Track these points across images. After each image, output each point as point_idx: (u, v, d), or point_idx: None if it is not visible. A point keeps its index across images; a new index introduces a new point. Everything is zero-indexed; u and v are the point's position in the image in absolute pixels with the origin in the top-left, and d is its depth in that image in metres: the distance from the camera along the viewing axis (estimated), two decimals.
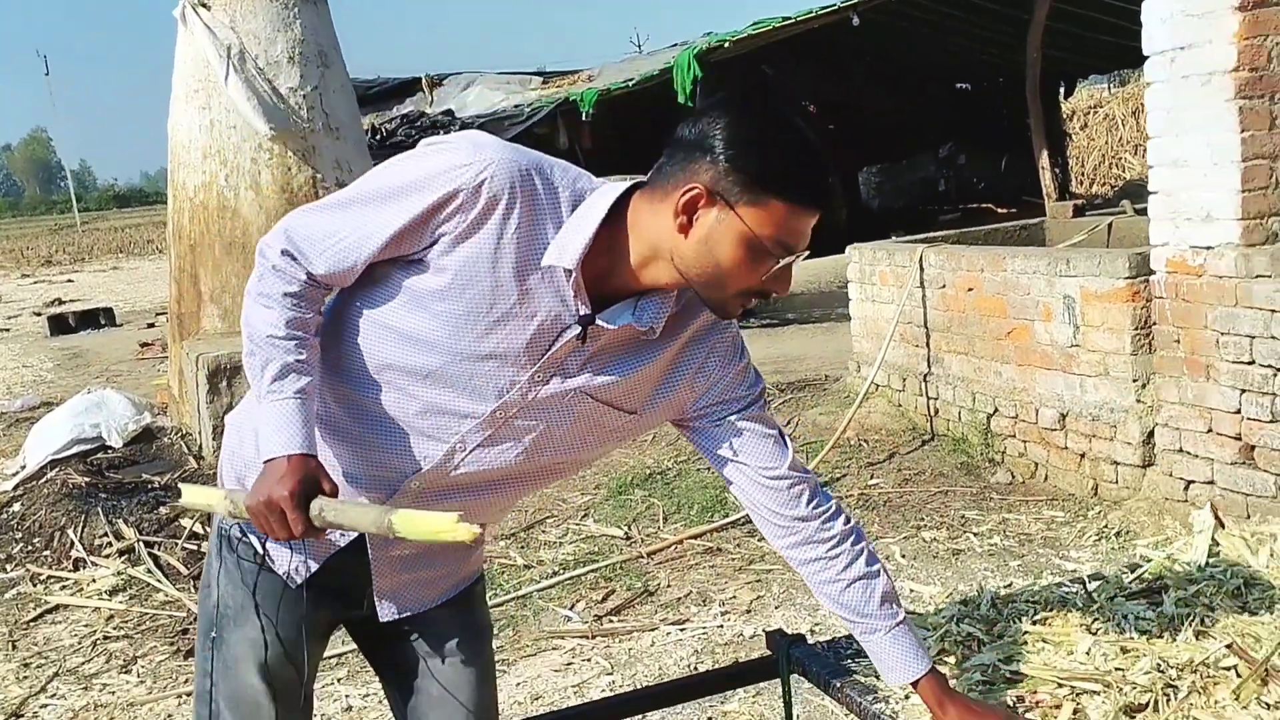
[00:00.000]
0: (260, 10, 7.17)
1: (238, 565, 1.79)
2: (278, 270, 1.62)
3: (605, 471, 5.57)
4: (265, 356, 1.60)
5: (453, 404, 1.65)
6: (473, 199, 1.54)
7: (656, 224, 1.57)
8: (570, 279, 1.57)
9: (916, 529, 4.56)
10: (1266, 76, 3.83)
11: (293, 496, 1.53)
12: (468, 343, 1.61)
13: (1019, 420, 4.97)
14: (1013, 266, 4.90)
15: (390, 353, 1.64)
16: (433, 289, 1.60)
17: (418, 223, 1.56)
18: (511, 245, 1.57)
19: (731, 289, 1.57)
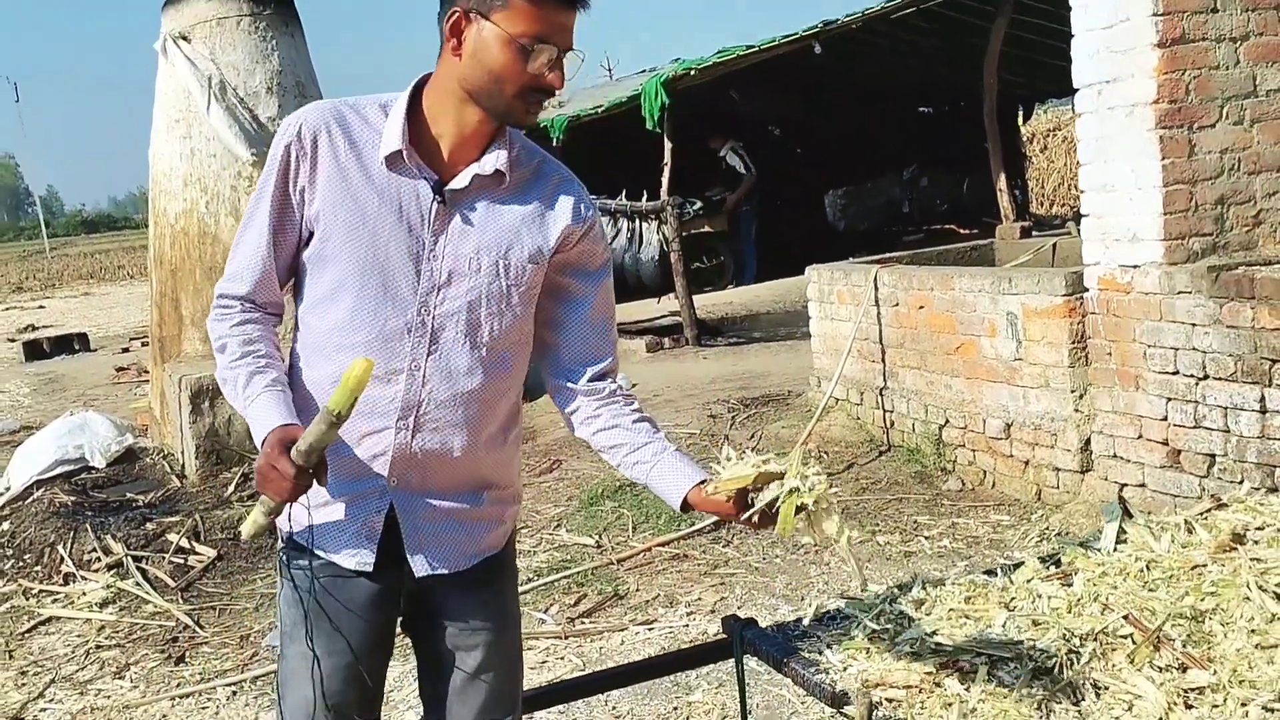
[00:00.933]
0: (239, 43, 7.41)
1: (293, 587, 1.96)
2: (217, 313, 1.91)
3: (577, 484, 5.81)
4: (234, 380, 1.86)
5: (388, 323, 1.86)
6: (301, 145, 1.84)
7: (442, 70, 1.83)
8: (407, 156, 1.83)
9: (872, 533, 4.82)
10: (1184, 108, 4.15)
11: (273, 451, 1.73)
12: (364, 253, 1.84)
13: (968, 430, 5.25)
14: (960, 285, 5.20)
15: (328, 316, 1.88)
16: (321, 237, 1.86)
17: (280, 192, 1.86)
18: (350, 160, 1.84)
19: (510, 91, 1.79)
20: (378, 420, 1.89)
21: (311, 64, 7.95)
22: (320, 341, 1.91)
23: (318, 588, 1.93)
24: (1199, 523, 2.67)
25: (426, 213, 1.86)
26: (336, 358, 1.87)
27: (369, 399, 1.83)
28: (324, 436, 1.77)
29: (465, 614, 2.03)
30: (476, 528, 2.00)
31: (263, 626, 4.58)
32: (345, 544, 1.93)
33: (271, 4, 7.57)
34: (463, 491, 1.97)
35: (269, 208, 1.87)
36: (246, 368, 1.85)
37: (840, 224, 17.44)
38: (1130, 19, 4.17)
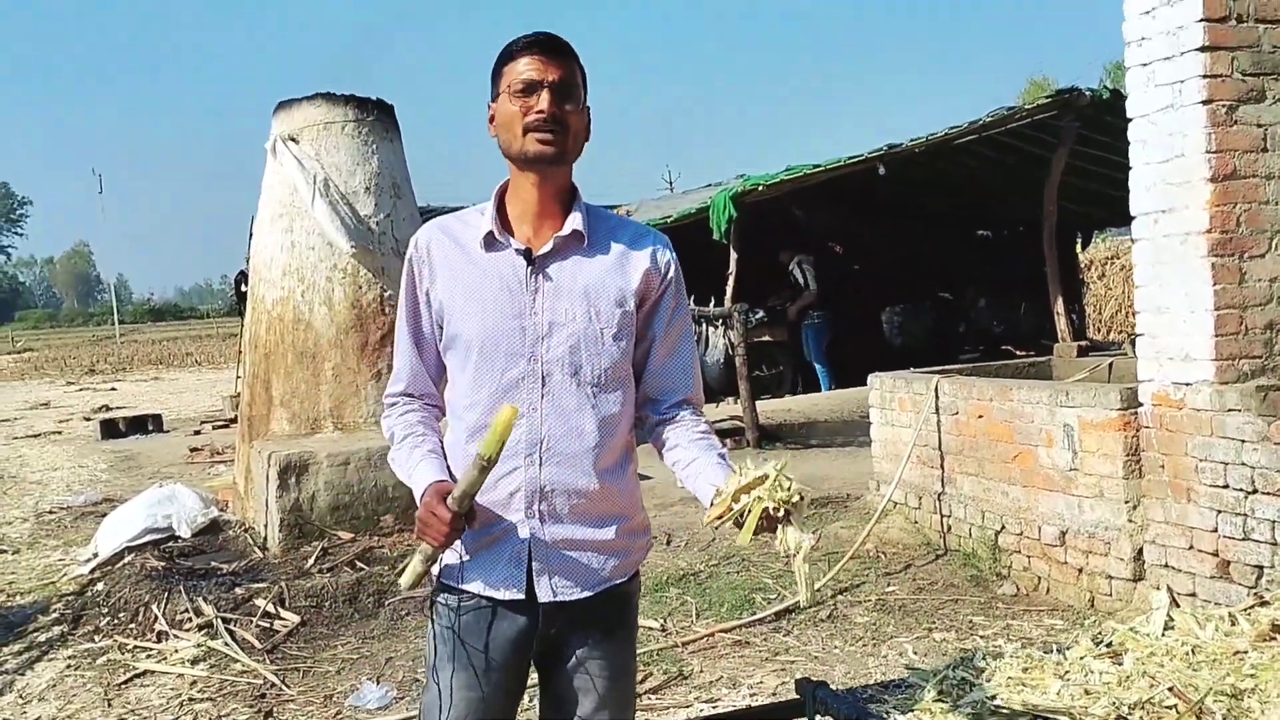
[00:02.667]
0: (343, 146, 7.97)
1: (439, 623, 2.22)
2: (387, 410, 2.31)
3: (645, 572, 6.03)
4: (403, 458, 2.23)
5: (505, 375, 2.16)
6: (420, 254, 2.24)
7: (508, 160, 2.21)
8: (497, 234, 2.18)
9: (928, 630, 5.01)
10: (1235, 238, 4.44)
11: (433, 499, 2.06)
12: (477, 322, 2.17)
13: (1024, 537, 5.45)
14: (1019, 397, 5.45)
15: (458, 383, 2.22)
16: (447, 323, 2.21)
17: (411, 299, 2.25)
18: (457, 254, 2.21)
19: (518, 132, 2.14)
20: (509, 461, 2.14)
21: (407, 167, 8.49)
22: (456, 408, 2.23)
23: (464, 623, 2.17)
24: (1242, 615, 2.88)
25: (523, 276, 2.18)
26: (467, 416, 2.20)
27: (481, 430, 2.11)
28: (475, 481, 2.04)
29: (587, 659, 2.24)
30: (602, 555, 2.21)
31: (345, 688, 4.84)
32: (496, 577, 2.17)
33: (375, 111, 8.15)
34: (591, 523, 2.20)
35: (407, 314, 2.27)
36: (409, 445, 2.22)
37: (897, 340, 17.70)
38: (1185, 155, 4.50)
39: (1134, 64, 4.74)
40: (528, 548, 2.16)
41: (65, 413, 19.90)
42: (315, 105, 7.98)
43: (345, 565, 6.32)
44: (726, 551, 6.28)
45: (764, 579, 5.79)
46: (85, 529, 8.47)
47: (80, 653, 5.51)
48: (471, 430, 2.18)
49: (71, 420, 18.38)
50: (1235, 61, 4.39)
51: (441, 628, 2.21)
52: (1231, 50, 4.41)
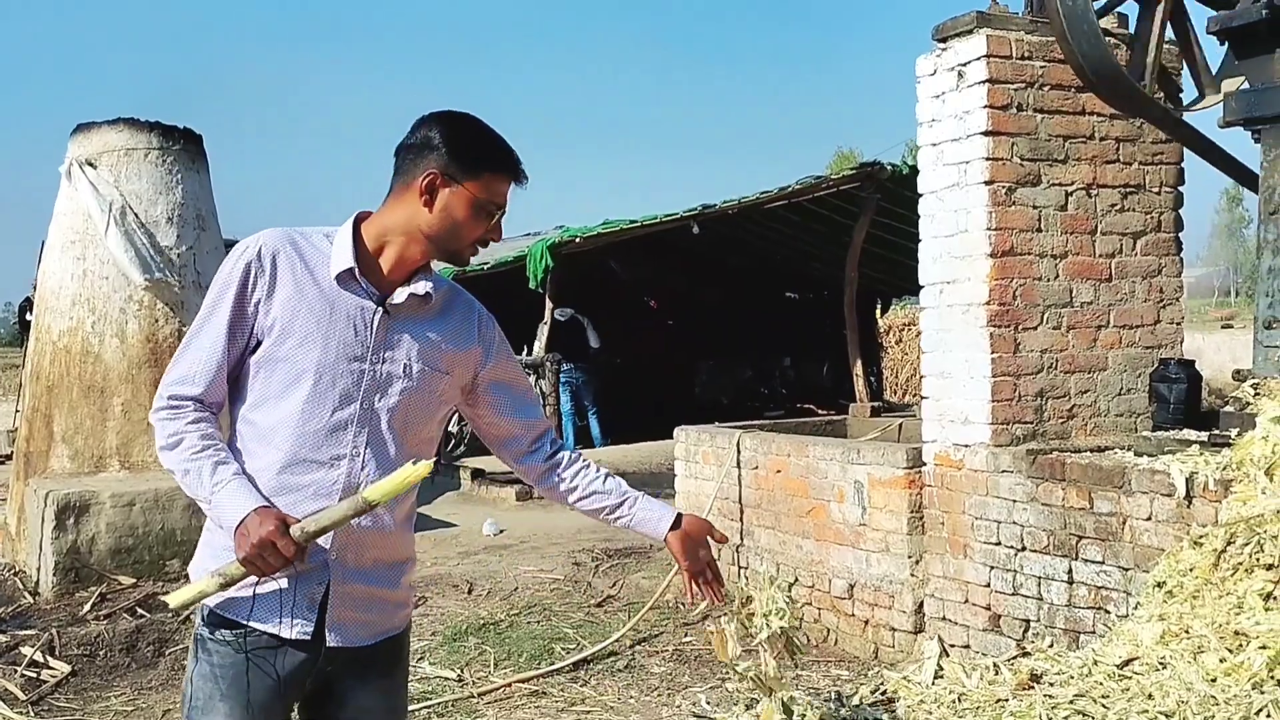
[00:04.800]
0: (145, 174, 7.67)
1: (208, 660, 2.14)
2: (171, 412, 2.12)
3: (442, 621, 5.96)
4: (198, 470, 2.08)
5: (336, 414, 2.15)
6: (261, 263, 2.13)
7: (405, 211, 2.17)
8: (356, 274, 2.16)
9: (721, 680, 5.10)
10: (1011, 310, 4.76)
11: (277, 529, 1.99)
12: (318, 355, 2.13)
13: (815, 589, 5.64)
14: (814, 453, 5.67)
15: (278, 409, 2.14)
16: (275, 341, 2.13)
17: (238, 303, 2.12)
18: (305, 276, 2.15)
19: (466, 241, 2.18)
20: (323, 500, 2.13)
21: (214, 199, 8.23)
22: (267, 433, 2.15)
23: (245, 660, 2.12)
24: (1005, 665, 3.07)
25: (371, 322, 2.18)
26: (285, 446, 2.14)
27: (315, 480, 2.13)
28: (340, 521, 2.04)
29: (363, 700, 2.25)
30: (390, 606, 2.26)
31: None
32: (287, 614, 2.13)
33: (181, 140, 7.87)
34: (386, 568, 2.24)
35: (227, 317, 2.13)
36: (210, 459, 2.08)
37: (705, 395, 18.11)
38: (969, 230, 4.81)
39: (925, 143, 5.06)
40: (326, 590, 2.15)
41: None
42: (117, 130, 7.66)
43: (124, 612, 6.00)
44: (529, 601, 6.26)
45: (564, 629, 5.79)
46: None
47: None
48: (288, 461, 2.13)
49: None
50: (1015, 147, 4.75)
51: (216, 664, 2.14)
52: (1012, 136, 4.76)
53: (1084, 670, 3.01)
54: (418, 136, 2.19)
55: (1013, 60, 4.77)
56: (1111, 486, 4.17)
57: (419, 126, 2.20)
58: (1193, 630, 3.11)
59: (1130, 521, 4.10)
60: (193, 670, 2.17)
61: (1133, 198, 5.02)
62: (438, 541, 7.80)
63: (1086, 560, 4.28)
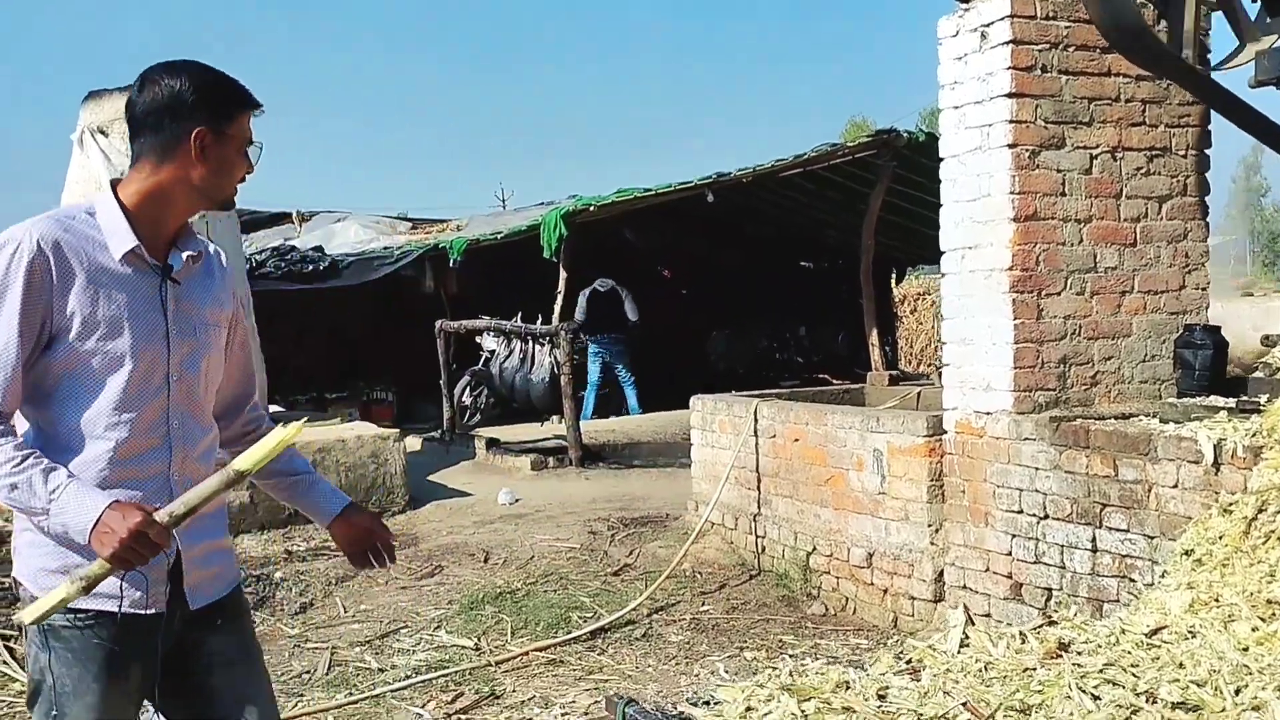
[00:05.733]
0: None
1: (67, 647, 2.10)
2: None
3: (458, 589, 5.95)
4: (26, 482, 1.99)
5: (152, 393, 2.13)
6: (44, 256, 2.02)
7: (174, 172, 2.12)
8: (139, 252, 2.10)
9: (740, 649, 5.08)
10: (1035, 276, 4.69)
11: (144, 519, 1.94)
12: (124, 341, 2.09)
13: (834, 558, 5.61)
14: (833, 421, 5.62)
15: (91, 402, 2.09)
16: (76, 336, 2.06)
17: (26, 308, 2.01)
18: (90, 262, 2.07)
19: (234, 186, 2.20)
20: (158, 483, 2.13)
21: None
22: (86, 428, 2.09)
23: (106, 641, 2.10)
24: (1031, 634, 3.02)
25: (163, 296, 2.15)
26: (111, 436, 2.09)
27: (143, 458, 2.12)
28: (209, 497, 2.01)
29: (217, 645, 2.27)
30: (226, 556, 2.33)
31: None
32: (145, 592, 2.11)
33: None
34: (213, 526, 2.28)
35: (20, 324, 2.01)
36: (36, 467, 1.99)
37: (720, 364, 18.07)
38: (991, 195, 4.73)
39: (947, 106, 4.97)
40: (175, 559, 2.16)
41: None
42: (119, 98, 7.60)
43: None
44: (545, 569, 6.24)
45: (581, 597, 5.77)
46: None
47: None
48: (118, 452, 2.10)
49: None
50: (1039, 109, 4.65)
51: (77, 649, 2.10)
52: (1036, 98, 4.67)
53: (1112, 639, 2.96)
54: (161, 95, 2.13)
55: (1037, 20, 4.67)
56: (1137, 453, 4.11)
57: (154, 84, 2.14)
58: (1223, 599, 3.06)
59: (1156, 489, 4.04)
60: (47, 660, 2.11)
61: (1158, 161, 4.93)
62: (454, 510, 7.79)
63: (1111, 528, 4.22)
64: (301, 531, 7.23)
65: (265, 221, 16.27)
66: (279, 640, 5.37)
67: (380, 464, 7.66)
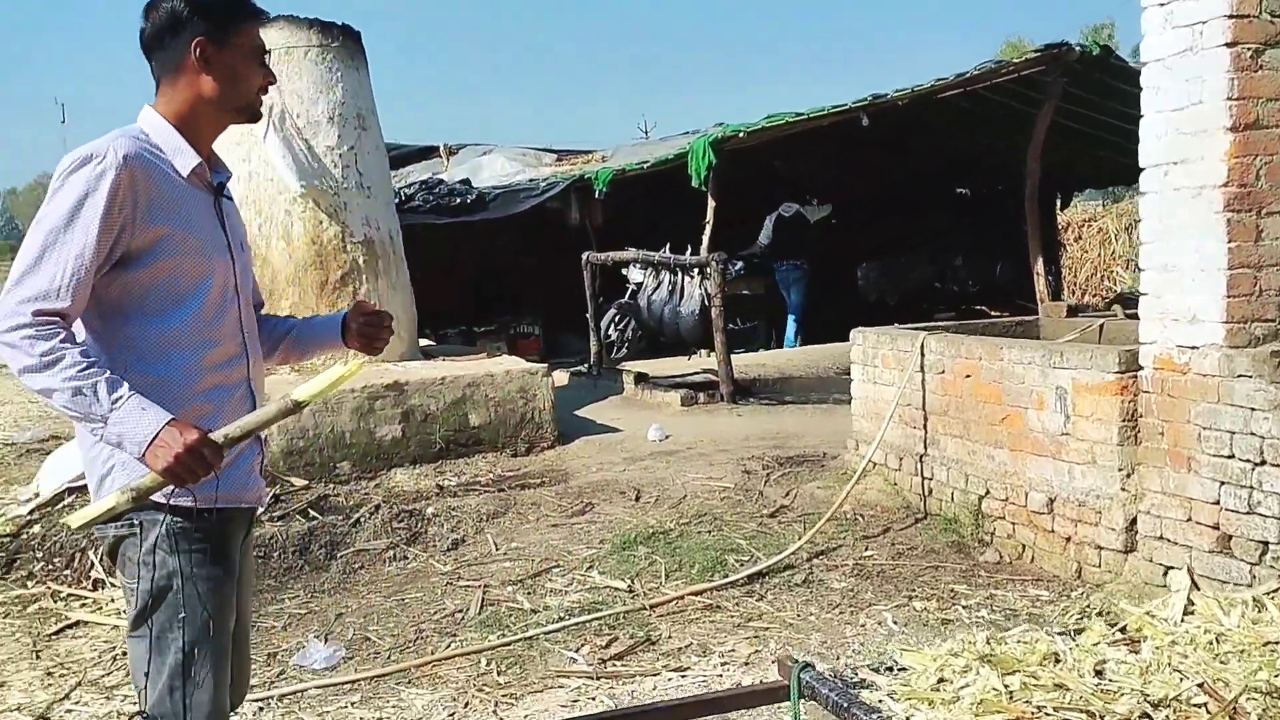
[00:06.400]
0: (305, 72, 7.54)
1: (199, 547, 2.17)
2: (37, 329, 2.01)
3: (610, 528, 5.78)
4: (90, 388, 1.99)
5: (230, 305, 2.25)
6: (130, 172, 2.07)
7: (187, 91, 2.21)
8: (202, 167, 2.21)
9: (908, 598, 4.77)
10: (1254, 193, 4.16)
11: (200, 437, 1.99)
12: (206, 258, 2.19)
13: (1009, 503, 5.21)
14: (1009, 356, 5.19)
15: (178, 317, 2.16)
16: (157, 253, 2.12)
17: (107, 218, 2.05)
18: (168, 182, 2.15)
19: (252, 92, 2.25)
20: (237, 375, 2.27)
21: (373, 98, 8.07)
22: (178, 340, 2.17)
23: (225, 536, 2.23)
24: (1270, 601, 2.63)
25: (218, 212, 2.28)
26: (202, 345, 2.20)
27: (228, 365, 2.25)
28: (266, 423, 2.08)
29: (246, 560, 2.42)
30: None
31: (290, 645, 4.55)
32: (250, 488, 2.31)
33: (340, 37, 7.72)
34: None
35: (97, 228, 2.04)
36: (100, 376, 2.01)
37: (871, 296, 17.46)
38: (1203, 102, 4.21)
39: (1151, 3, 4.43)
40: (261, 458, 2.36)
41: None
42: (277, 28, 7.54)
43: (297, 514, 6.01)
44: (699, 509, 6.01)
45: (736, 539, 5.52)
46: (29, 467, 8.08)
47: (11, 599, 5.19)
48: (210, 362, 2.21)
49: None
50: (1264, 0, 4.09)
51: (207, 549, 2.18)
52: None
53: None
54: (160, 19, 2.20)
55: None
56: None
57: (155, 8, 2.21)
58: None
59: None
60: (177, 564, 2.16)
61: None
62: (603, 447, 7.62)
63: None
64: (453, 466, 7.18)
65: (413, 155, 16.32)
66: (431, 577, 5.30)
67: (528, 399, 7.53)
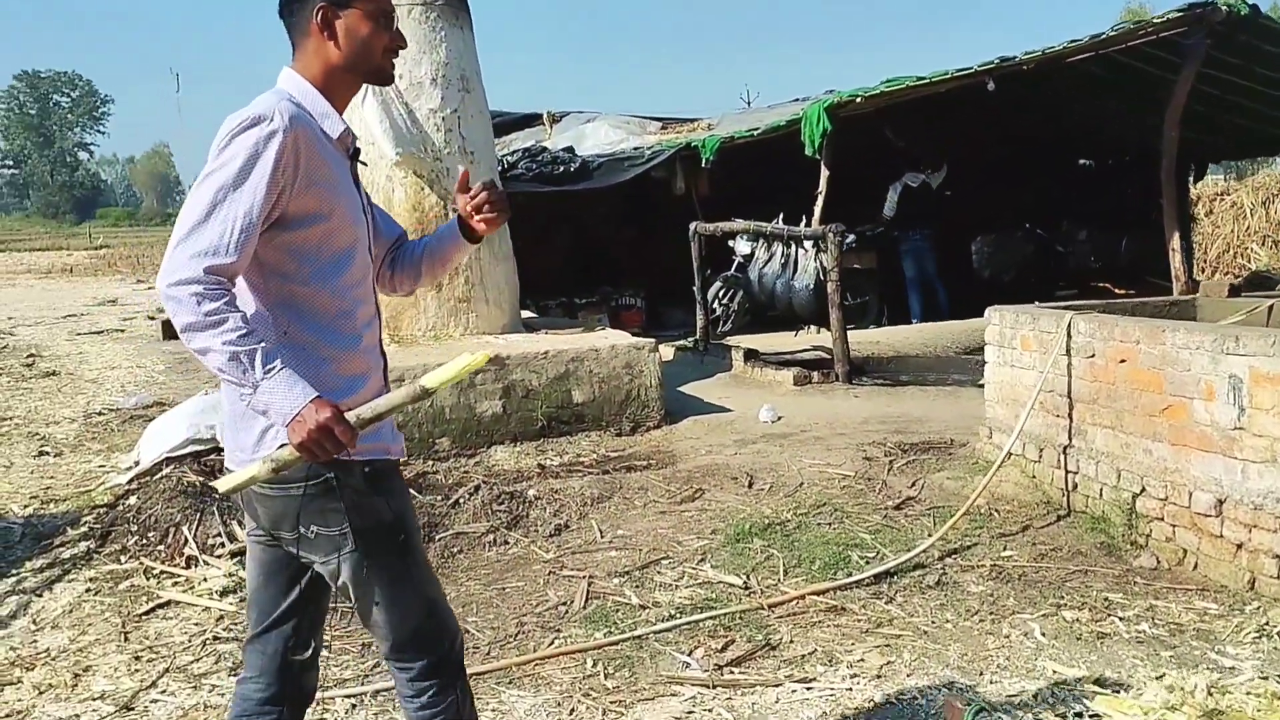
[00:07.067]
0: (409, 32, 7.26)
1: (392, 485, 2.33)
2: (205, 288, 2.04)
3: (721, 517, 5.41)
4: (248, 355, 2.04)
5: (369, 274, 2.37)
6: (295, 134, 2.12)
7: (318, 58, 2.26)
8: (348, 132, 2.30)
9: (1056, 607, 4.31)
10: None
11: (335, 416, 2.04)
12: (355, 221, 2.27)
13: (1168, 503, 4.70)
14: (1173, 340, 4.66)
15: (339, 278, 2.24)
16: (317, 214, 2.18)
17: (273, 180, 2.10)
18: (324, 143, 2.21)
19: (380, 55, 2.29)
20: (377, 335, 2.38)
21: (477, 60, 7.77)
22: (340, 300, 2.25)
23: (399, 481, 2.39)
24: None
25: (354, 176, 2.34)
26: (358, 305, 2.30)
27: (373, 325, 2.34)
28: (396, 408, 2.12)
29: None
30: None
31: None
32: (394, 439, 2.39)
33: None
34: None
35: (265, 188, 2.09)
36: (257, 343, 2.06)
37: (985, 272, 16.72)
38: None
39: None
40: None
41: (132, 310, 19.67)
42: None
43: None
44: (817, 499, 5.61)
45: (860, 533, 5.11)
46: (131, 433, 8.04)
47: (103, 574, 5.04)
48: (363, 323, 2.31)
49: (136, 318, 18.12)
50: None
51: (396, 487, 2.35)
52: None
53: None
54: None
55: None
56: None
57: None
58: None
59: None
60: (385, 501, 2.29)
61: None
62: (712, 427, 7.25)
63: None
64: (555, 445, 6.88)
65: (516, 123, 16.08)
66: (534, 565, 5.00)
67: (635, 375, 7.18)
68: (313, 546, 2.26)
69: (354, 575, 2.28)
